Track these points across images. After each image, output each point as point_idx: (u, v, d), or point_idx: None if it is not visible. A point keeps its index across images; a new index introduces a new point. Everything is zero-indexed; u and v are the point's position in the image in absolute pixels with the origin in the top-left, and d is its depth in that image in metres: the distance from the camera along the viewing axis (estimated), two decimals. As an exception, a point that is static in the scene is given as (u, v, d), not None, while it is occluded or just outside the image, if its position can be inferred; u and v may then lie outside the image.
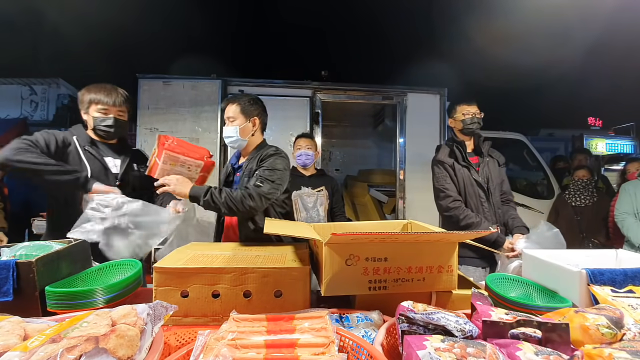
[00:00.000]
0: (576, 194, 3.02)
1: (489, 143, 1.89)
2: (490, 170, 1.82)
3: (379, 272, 0.88)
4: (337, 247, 0.85)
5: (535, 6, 5.54)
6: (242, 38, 10.62)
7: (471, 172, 1.78)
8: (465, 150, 1.82)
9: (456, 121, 1.87)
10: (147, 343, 0.57)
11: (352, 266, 0.87)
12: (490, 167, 1.83)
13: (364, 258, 0.87)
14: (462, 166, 1.79)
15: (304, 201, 2.26)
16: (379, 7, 8.98)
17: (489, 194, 1.77)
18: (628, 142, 6.30)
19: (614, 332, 0.63)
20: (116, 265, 1.11)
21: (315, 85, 3.73)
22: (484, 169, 1.81)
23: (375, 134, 5.60)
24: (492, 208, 1.77)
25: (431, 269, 0.92)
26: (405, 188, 3.87)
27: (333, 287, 0.86)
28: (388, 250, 0.88)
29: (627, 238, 2.49)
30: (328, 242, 0.83)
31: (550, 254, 1.07)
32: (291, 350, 0.57)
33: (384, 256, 0.88)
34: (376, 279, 0.89)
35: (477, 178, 1.77)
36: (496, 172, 1.84)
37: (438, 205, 1.83)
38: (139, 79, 3.43)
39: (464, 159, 1.80)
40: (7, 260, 0.84)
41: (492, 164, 1.85)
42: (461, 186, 1.77)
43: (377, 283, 0.89)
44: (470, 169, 1.78)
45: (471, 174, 1.77)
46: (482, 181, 1.77)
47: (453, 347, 0.52)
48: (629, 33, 5.83)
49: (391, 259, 0.88)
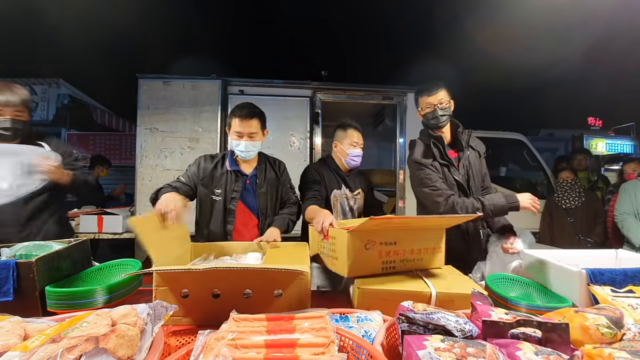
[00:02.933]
0: (564, 196, 3.05)
1: (468, 132, 1.64)
2: (472, 164, 1.60)
3: (390, 255, 1.03)
4: (358, 234, 0.98)
5: (536, 6, 5.54)
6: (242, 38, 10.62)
7: (452, 170, 1.56)
8: (445, 145, 1.58)
9: (420, 115, 1.63)
10: (147, 343, 0.56)
11: (370, 250, 1.00)
12: (472, 160, 1.61)
13: (379, 242, 1.01)
14: (441, 164, 1.56)
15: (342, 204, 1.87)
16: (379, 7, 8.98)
17: (470, 193, 1.56)
18: (628, 142, 6.30)
19: (614, 332, 0.63)
20: (116, 265, 1.11)
21: (315, 85, 3.73)
22: (464, 164, 1.58)
23: (375, 134, 5.60)
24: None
25: (427, 250, 1.09)
26: (405, 188, 3.87)
27: (354, 269, 0.98)
28: (398, 235, 1.03)
29: (627, 238, 2.49)
30: (352, 230, 0.96)
31: (550, 254, 1.07)
32: (291, 350, 0.57)
33: (394, 240, 1.03)
34: (388, 260, 1.03)
35: (457, 177, 1.55)
36: (477, 165, 1.62)
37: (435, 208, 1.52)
38: (139, 79, 3.43)
39: (442, 156, 1.56)
40: (7, 260, 0.84)
41: (473, 156, 1.62)
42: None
43: (389, 264, 1.03)
44: (450, 168, 1.56)
45: (451, 173, 1.55)
46: (463, 180, 1.55)
47: (453, 347, 0.52)
48: (629, 33, 5.82)
49: (399, 243, 1.04)
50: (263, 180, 1.67)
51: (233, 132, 1.56)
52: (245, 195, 1.63)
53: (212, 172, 1.61)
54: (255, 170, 1.67)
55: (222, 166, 1.63)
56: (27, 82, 5.41)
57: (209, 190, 1.59)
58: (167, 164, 3.41)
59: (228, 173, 1.61)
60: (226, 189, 1.59)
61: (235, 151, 1.60)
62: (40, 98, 5.43)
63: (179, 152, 3.45)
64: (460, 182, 1.55)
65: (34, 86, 5.42)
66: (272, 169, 1.72)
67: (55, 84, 5.48)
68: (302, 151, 3.64)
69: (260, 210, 1.65)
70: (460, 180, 1.55)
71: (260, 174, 1.67)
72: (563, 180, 3.09)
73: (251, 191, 1.65)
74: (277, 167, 1.75)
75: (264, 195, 1.66)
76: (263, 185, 1.66)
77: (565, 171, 3.15)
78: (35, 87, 5.42)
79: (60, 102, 5.40)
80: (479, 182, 1.63)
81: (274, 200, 1.70)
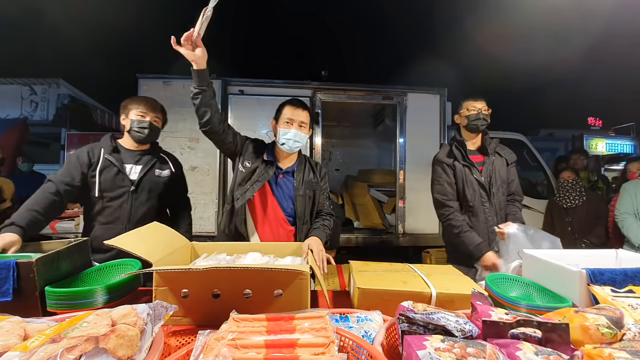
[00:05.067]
0: (565, 196, 3.04)
1: (496, 141, 1.84)
2: (496, 169, 1.76)
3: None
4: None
5: (535, 7, 5.54)
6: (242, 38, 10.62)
7: (472, 171, 1.74)
8: (466, 149, 1.77)
9: (461, 117, 1.81)
10: (147, 343, 0.56)
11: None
12: (496, 166, 1.77)
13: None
14: (462, 165, 1.75)
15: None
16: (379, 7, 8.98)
17: (490, 194, 1.73)
18: (628, 142, 6.29)
19: (614, 332, 0.62)
20: (116, 265, 1.11)
21: (315, 85, 3.74)
22: (488, 168, 1.75)
23: (375, 134, 5.61)
24: (494, 208, 1.73)
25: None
26: (405, 188, 3.87)
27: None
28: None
29: (627, 238, 2.49)
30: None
31: (550, 254, 1.07)
32: (291, 350, 0.57)
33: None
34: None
35: (478, 177, 1.73)
36: (503, 172, 1.78)
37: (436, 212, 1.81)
38: (139, 79, 3.44)
39: (464, 158, 1.76)
40: (7, 260, 0.84)
41: (499, 162, 1.79)
42: (460, 186, 1.74)
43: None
44: (471, 168, 1.74)
45: (472, 173, 1.73)
46: (484, 181, 1.73)
47: (453, 347, 0.52)
48: (629, 33, 5.82)
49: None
50: (301, 181, 1.54)
51: (283, 121, 1.48)
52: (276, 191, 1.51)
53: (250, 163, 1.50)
54: (294, 167, 1.56)
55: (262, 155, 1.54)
56: (27, 82, 5.41)
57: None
58: (167, 164, 3.40)
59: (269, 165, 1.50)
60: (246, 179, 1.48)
61: (281, 140, 1.48)
62: (40, 98, 5.42)
63: (179, 152, 3.45)
64: (481, 182, 1.73)
65: (34, 86, 5.41)
66: (311, 171, 1.59)
67: (55, 84, 5.48)
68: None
69: (297, 215, 1.51)
70: (482, 181, 1.73)
71: (298, 174, 1.55)
72: (564, 180, 3.08)
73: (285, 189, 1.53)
74: (319, 171, 1.62)
75: (302, 198, 1.52)
76: (301, 187, 1.53)
77: (567, 171, 3.15)
78: (35, 87, 5.42)
79: (60, 102, 5.40)
80: (502, 187, 1.77)
81: (311, 205, 1.56)
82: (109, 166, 1.52)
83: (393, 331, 0.71)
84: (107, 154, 1.52)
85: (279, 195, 1.52)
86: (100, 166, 1.50)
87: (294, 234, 1.53)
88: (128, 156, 1.58)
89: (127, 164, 1.56)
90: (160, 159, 1.67)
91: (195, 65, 1.29)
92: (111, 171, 1.52)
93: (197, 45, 1.25)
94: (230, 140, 1.49)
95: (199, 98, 1.33)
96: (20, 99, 5.41)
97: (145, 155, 1.62)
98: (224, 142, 1.48)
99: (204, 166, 3.66)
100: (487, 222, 1.71)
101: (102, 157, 1.52)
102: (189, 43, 1.24)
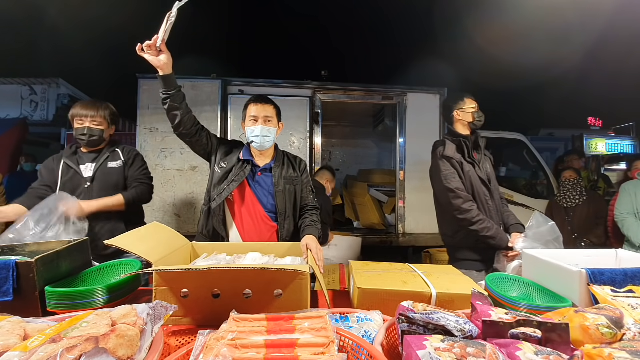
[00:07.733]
0: (566, 195, 3.05)
1: (484, 140, 1.81)
2: (488, 167, 1.77)
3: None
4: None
5: (535, 6, 5.53)
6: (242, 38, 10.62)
7: (476, 169, 1.70)
8: (471, 146, 1.73)
9: (466, 113, 1.75)
10: (147, 343, 0.56)
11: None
12: (487, 164, 1.78)
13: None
14: (468, 163, 1.70)
15: None
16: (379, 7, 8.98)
17: (491, 191, 1.71)
18: (628, 142, 6.29)
19: (614, 332, 0.62)
20: (116, 265, 1.11)
21: (315, 85, 3.73)
22: (484, 167, 1.74)
23: (375, 134, 5.60)
24: (496, 206, 1.71)
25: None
26: (405, 188, 3.87)
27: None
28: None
29: (627, 238, 2.49)
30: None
31: (550, 254, 1.07)
32: (291, 350, 0.57)
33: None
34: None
35: (481, 175, 1.70)
36: (491, 170, 1.79)
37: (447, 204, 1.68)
38: (139, 79, 3.43)
39: (469, 155, 1.71)
40: (7, 260, 0.84)
41: (487, 161, 1.80)
42: (468, 184, 1.68)
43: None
44: (475, 166, 1.71)
45: (476, 171, 1.70)
46: (485, 179, 1.71)
47: (453, 347, 0.52)
48: (629, 33, 5.82)
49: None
50: (280, 177, 1.53)
51: (248, 119, 1.50)
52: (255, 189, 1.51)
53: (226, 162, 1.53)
54: (271, 164, 1.55)
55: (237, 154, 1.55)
56: (27, 82, 5.41)
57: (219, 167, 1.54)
58: (167, 164, 3.40)
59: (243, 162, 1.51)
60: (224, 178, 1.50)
61: (250, 138, 1.51)
62: (40, 98, 5.42)
63: (179, 152, 3.44)
64: (484, 179, 1.71)
65: (34, 86, 5.41)
66: (290, 166, 1.59)
67: (55, 84, 5.48)
68: (302, 151, 3.64)
69: (279, 211, 1.50)
70: (484, 179, 1.71)
71: (276, 170, 1.54)
72: (566, 179, 3.08)
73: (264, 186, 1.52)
74: (298, 165, 1.62)
75: (282, 194, 1.51)
76: (280, 183, 1.52)
77: (568, 170, 3.15)
78: (35, 87, 5.42)
79: (60, 102, 5.40)
80: (496, 184, 1.78)
81: (293, 200, 1.55)
82: (67, 169, 1.70)
83: (393, 331, 0.71)
84: (66, 158, 1.71)
85: (258, 193, 1.52)
86: (61, 171, 1.69)
87: (276, 230, 1.53)
88: (85, 158, 1.74)
89: (82, 165, 1.73)
90: (113, 153, 1.79)
91: (161, 71, 1.34)
92: (69, 173, 1.70)
93: (161, 51, 1.27)
94: (204, 142, 1.55)
95: (168, 102, 1.41)
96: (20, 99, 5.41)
97: (99, 153, 1.77)
98: (199, 144, 1.54)
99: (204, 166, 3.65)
100: (492, 219, 1.66)
101: (62, 162, 1.70)
102: (153, 49, 1.26)
